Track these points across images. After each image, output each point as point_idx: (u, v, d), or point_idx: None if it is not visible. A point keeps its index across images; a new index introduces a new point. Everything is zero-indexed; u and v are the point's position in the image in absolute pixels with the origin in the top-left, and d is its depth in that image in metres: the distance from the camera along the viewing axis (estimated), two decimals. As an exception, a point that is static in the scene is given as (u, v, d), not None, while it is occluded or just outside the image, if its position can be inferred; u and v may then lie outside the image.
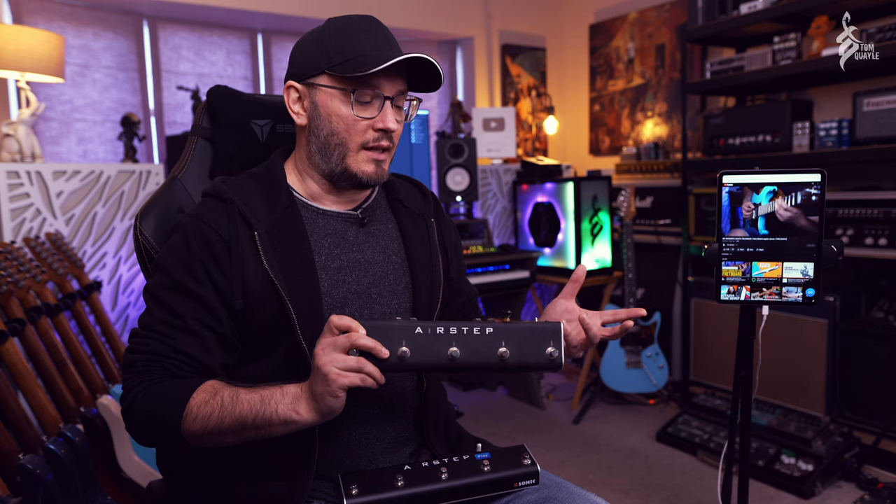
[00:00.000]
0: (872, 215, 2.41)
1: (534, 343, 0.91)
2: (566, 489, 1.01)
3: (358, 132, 1.01)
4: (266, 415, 0.86)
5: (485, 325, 0.90)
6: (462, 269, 1.25)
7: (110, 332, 2.39)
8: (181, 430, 0.89)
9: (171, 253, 0.98)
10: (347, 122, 1.00)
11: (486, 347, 0.89)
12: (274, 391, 0.88)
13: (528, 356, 0.90)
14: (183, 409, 0.89)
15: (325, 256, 1.03)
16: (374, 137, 1.01)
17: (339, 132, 1.01)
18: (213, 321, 0.95)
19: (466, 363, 0.89)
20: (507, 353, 0.89)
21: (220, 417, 0.87)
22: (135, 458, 1.84)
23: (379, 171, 1.04)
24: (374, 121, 1.00)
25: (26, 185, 2.35)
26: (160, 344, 0.93)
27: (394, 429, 1.06)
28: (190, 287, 0.95)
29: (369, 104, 1.00)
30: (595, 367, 3.26)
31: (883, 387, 2.38)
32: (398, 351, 0.87)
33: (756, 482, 2.33)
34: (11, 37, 2.31)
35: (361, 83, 0.98)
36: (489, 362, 0.90)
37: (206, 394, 0.90)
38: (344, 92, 0.99)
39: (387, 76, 0.99)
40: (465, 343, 0.89)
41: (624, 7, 3.96)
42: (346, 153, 1.01)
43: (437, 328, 0.89)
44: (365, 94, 0.99)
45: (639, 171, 3.61)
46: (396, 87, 1.01)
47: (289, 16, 3.41)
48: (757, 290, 1.32)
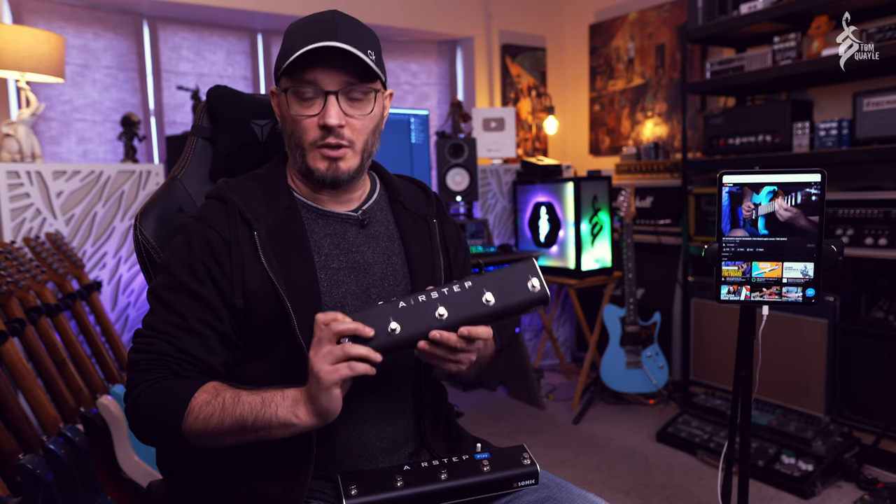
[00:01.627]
0: (872, 215, 2.41)
1: (514, 281, 0.91)
2: (566, 489, 1.01)
3: (304, 130, 0.99)
4: (266, 417, 0.87)
5: (462, 281, 0.91)
6: (467, 268, 1.25)
7: (110, 332, 2.39)
8: (182, 430, 0.89)
9: (174, 254, 0.99)
10: (294, 122, 1.00)
11: (470, 299, 0.90)
12: (275, 394, 0.88)
13: (513, 296, 0.91)
14: (185, 408, 0.89)
15: (325, 257, 1.03)
16: (320, 136, 0.99)
17: (294, 132, 1.01)
18: (215, 321, 0.96)
19: (456, 319, 0.88)
20: (492, 299, 0.90)
21: (221, 418, 0.88)
22: (135, 458, 1.84)
23: (333, 168, 1.00)
24: (317, 118, 0.98)
25: (26, 185, 2.35)
26: (164, 343, 0.94)
27: (393, 429, 1.06)
28: (192, 287, 0.95)
29: (312, 100, 0.98)
30: (595, 367, 3.26)
31: (883, 387, 2.38)
32: (388, 329, 0.87)
33: (756, 482, 2.32)
34: (11, 37, 2.32)
35: (296, 80, 0.97)
36: (478, 312, 0.89)
37: (208, 394, 0.90)
38: (286, 91, 1.00)
39: (326, 70, 0.96)
40: (449, 302, 0.89)
41: (624, 7, 3.96)
42: (305, 153, 1.01)
43: (419, 297, 0.89)
44: (304, 91, 0.97)
45: (639, 171, 3.61)
46: (340, 80, 0.97)
47: (289, 16, 3.40)
48: (757, 290, 1.32)
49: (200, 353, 0.95)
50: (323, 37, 0.95)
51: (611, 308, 3.09)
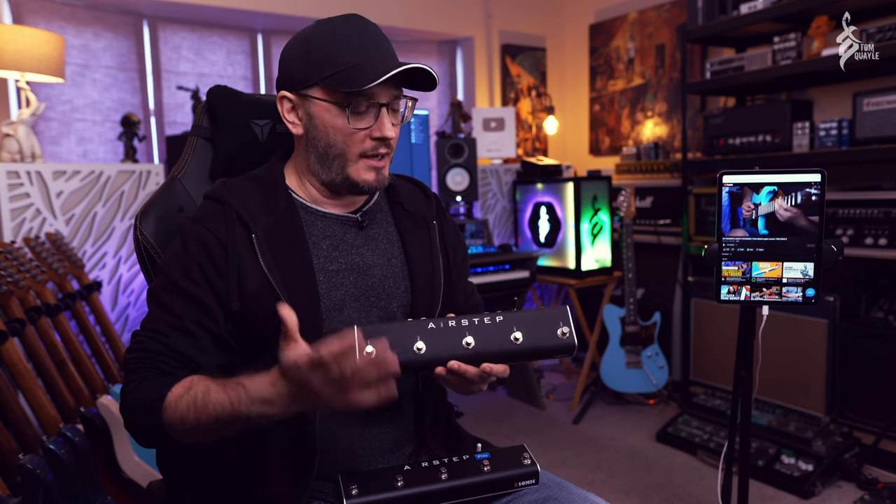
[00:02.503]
0: (872, 215, 2.41)
1: (545, 326, 0.92)
2: (566, 489, 1.01)
3: (356, 142, 1.00)
4: (241, 416, 0.83)
5: (494, 315, 0.91)
6: (465, 270, 1.24)
7: (110, 332, 2.39)
8: (164, 426, 0.87)
9: (171, 256, 0.99)
10: (345, 134, 0.99)
11: (499, 335, 0.90)
12: (239, 390, 0.83)
13: (542, 339, 0.91)
14: (161, 403, 0.87)
15: (324, 259, 1.03)
16: (372, 146, 1.01)
17: (337, 143, 1.00)
18: (209, 322, 0.95)
19: (482, 352, 0.89)
20: (520, 338, 0.90)
21: (197, 413, 0.85)
22: (135, 458, 1.84)
23: (380, 178, 1.03)
24: (370, 130, 0.99)
25: (26, 185, 2.35)
26: (154, 342, 0.94)
27: (394, 429, 1.06)
28: (186, 288, 0.95)
29: (365, 113, 0.99)
30: (595, 367, 3.26)
31: (883, 387, 2.38)
32: (413, 347, 0.87)
33: (756, 482, 2.32)
34: (11, 37, 2.31)
35: (356, 95, 0.97)
36: (505, 349, 0.90)
37: (183, 388, 0.88)
38: (339, 105, 0.98)
39: (381, 84, 0.98)
40: (478, 332, 0.90)
41: (624, 7, 3.96)
42: (346, 163, 1.01)
43: (449, 322, 0.90)
44: (360, 105, 0.98)
45: (639, 171, 3.61)
46: (391, 93, 1.00)
47: (289, 16, 3.41)
48: (757, 290, 1.32)
49: (191, 352, 0.94)
50: (380, 50, 0.99)
51: (611, 308, 3.10)
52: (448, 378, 0.91)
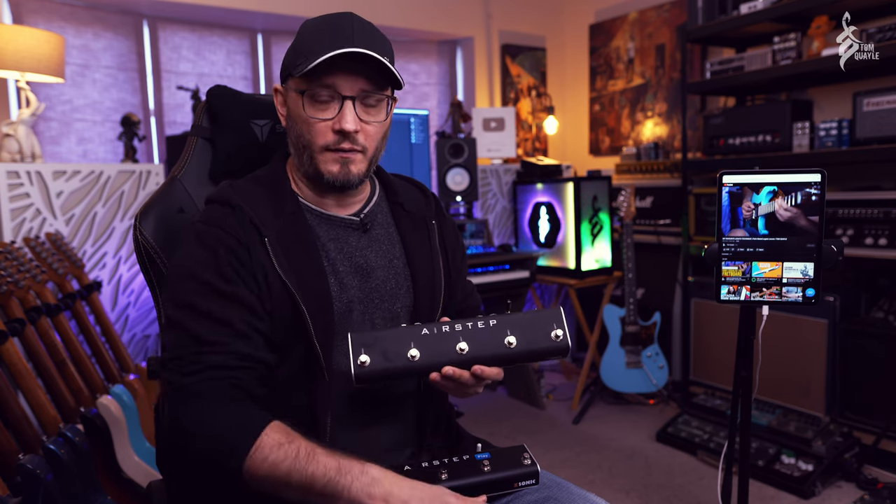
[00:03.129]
0: (872, 215, 2.41)
1: (538, 328, 0.92)
2: (566, 489, 1.01)
3: (318, 133, 0.98)
4: (338, 487, 0.81)
5: (488, 318, 0.91)
6: (464, 270, 1.25)
7: (110, 332, 2.39)
8: (244, 467, 0.82)
9: (196, 261, 0.94)
10: (307, 124, 0.98)
11: (493, 339, 0.90)
12: (353, 464, 0.83)
13: (536, 342, 0.91)
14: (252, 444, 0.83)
15: (332, 261, 1.03)
16: (335, 140, 0.98)
17: (304, 134, 1.00)
18: (257, 321, 0.93)
19: (476, 356, 0.89)
20: (514, 342, 0.90)
21: (291, 468, 0.82)
22: (135, 458, 1.84)
23: (344, 171, 1.00)
24: (332, 122, 0.98)
25: (26, 185, 2.35)
26: (215, 355, 0.88)
27: (394, 430, 1.06)
28: (226, 290, 0.91)
29: (327, 104, 0.97)
30: (595, 367, 3.26)
31: (883, 387, 2.38)
32: (407, 354, 0.87)
33: (756, 482, 2.33)
34: (11, 37, 2.31)
35: (315, 82, 0.96)
36: (499, 352, 0.90)
37: (281, 435, 0.84)
38: (298, 91, 0.98)
39: (345, 74, 0.96)
40: (472, 337, 0.90)
41: (624, 7, 3.96)
42: (313, 154, 1.00)
43: (443, 327, 0.90)
44: (320, 94, 0.97)
45: (639, 171, 3.61)
46: (358, 86, 0.97)
47: (289, 16, 3.40)
48: (757, 290, 1.32)
49: (261, 355, 0.91)
50: (344, 41, 0.94)
51: (611, 308, 3.10)
52: (443, 383, 0.91)
